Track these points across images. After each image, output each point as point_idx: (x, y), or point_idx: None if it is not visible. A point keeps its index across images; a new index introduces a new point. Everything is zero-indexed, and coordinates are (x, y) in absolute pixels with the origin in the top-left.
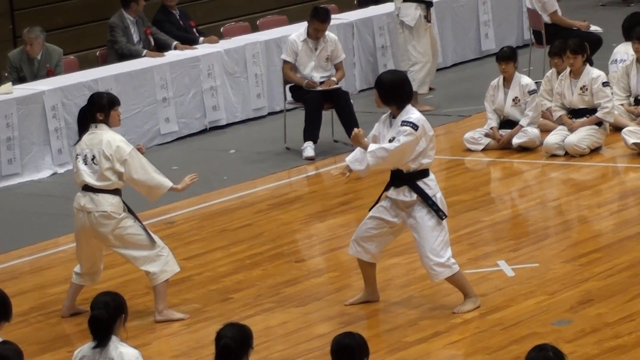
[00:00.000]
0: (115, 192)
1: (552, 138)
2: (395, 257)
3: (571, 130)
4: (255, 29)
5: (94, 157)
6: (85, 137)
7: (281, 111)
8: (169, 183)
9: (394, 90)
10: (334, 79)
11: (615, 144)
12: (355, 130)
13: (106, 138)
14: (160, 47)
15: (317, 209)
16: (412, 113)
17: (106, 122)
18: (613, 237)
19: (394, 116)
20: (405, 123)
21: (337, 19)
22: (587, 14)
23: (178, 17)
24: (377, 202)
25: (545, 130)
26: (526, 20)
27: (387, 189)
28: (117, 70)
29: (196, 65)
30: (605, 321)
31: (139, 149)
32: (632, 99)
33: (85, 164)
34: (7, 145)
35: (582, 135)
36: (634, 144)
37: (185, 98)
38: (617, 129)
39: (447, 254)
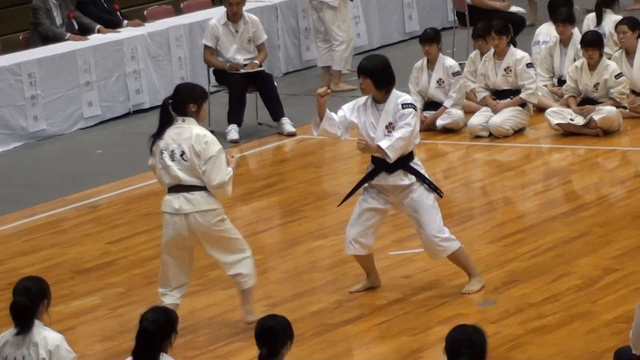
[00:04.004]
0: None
1: (476, 119)
2: (319, 240)
3: (495, 111)
4: (178, 12)
5: (183, 153)
6: (171, 131)
7: None
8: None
9: (387, 74)
10: (256, 61)
11: (539, 125)
12: (364, 141)
13: (196, 132)
14: (84, 31)
15: (242, 191)
16: (404, 94)
17: (197, 115)
18: (537, 217)
19: (377, 101)
20: (406, 105)
21: (261, 1)
22: None
23: None
24: (349, 195)
25: (469, 112)
26: (450, 2)
27: (370, 177)
28: (40, 54)
29: (120, 48)
30: (530, 302)
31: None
32: (555, 80)
33: (173, 160)
34: None
35: (506, 116)
36: (558, 124)
37: (109, 82)
38: (540, 109)
39: (447, 230)
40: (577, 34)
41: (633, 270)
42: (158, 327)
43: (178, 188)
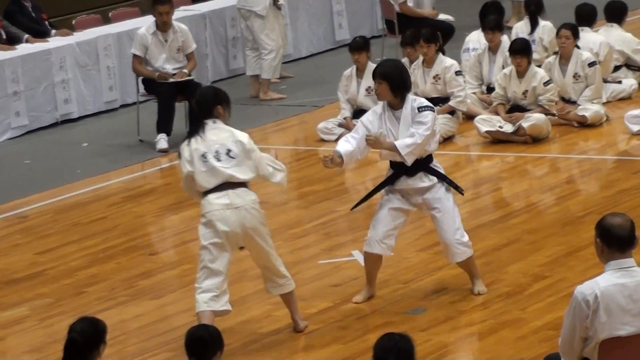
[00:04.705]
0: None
1: None
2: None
3: None
4: (107, 21)
5: (229, 151)
6: (207, 133)
7: (134, 103)
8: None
9: (404, 79)
10: (185, 70)
11: (468, 133)
12: (373, 135)
13: (234, 131)
14: (12, 41)
15: (171, 201)
16: (419, 98)
17: (224, 117)
18: (466, 225)
19: (393, 107)
20: (423, 108)
21: (189, 10)
22: (440, 2)
23: (30, 9)
24: (365, 199)
25: None
26: (379, 10)
27: (390, 182)
28: None
29: (48, 58)
30: (459, 309)
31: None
32: (484, 88)
33: (219, 160)
34: None
35: None
36: (487, 132)
37: (37, 91)
38: (470, 117)
39: (466, 234)
40: (505, 41)
41: (562, 277)
42: (86, 338)
43: (222, 186)
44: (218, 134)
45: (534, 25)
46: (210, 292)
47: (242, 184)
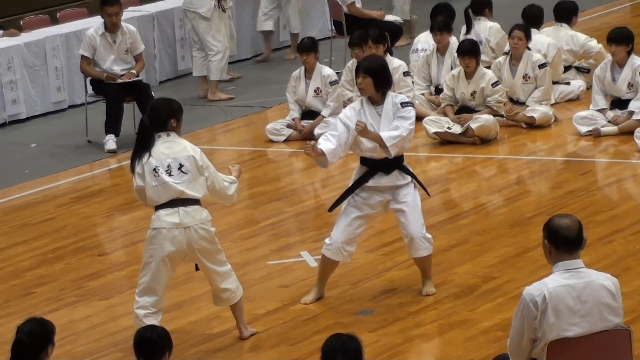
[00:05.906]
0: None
1: None
2: None
3: None
4: (55, 21)
5: (181, 166)
6: (159, 147)
7: (82, 104)
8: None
9: (388, 75)
10: (133, 71)
11: (416, 134)
12: (363, 123)
13: (188, 145)
14: None
15: (120, 202)
16: (399, 95)
17: (177, 129)
18: None
19: (374, 103)
20: (405, 104)
21: (137, 10)
22: (387, 3)
23: None
24: (342, 199)
25: None
26: (327, 11)
27: (365, 180)
28: None
29: None
30: (408, 310)
31: None
32: (433, 89)
33: (170, 175)
34: None
35: None
36: (435, 133)
37: None
38: (418, 118)
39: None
40: (454, 42)
41: (510, 278)
42: (34, 339)
43: (174, 203)
44: (171, 148)
45: (468, 25)
46: (147, 310)
47: (194, 201)
